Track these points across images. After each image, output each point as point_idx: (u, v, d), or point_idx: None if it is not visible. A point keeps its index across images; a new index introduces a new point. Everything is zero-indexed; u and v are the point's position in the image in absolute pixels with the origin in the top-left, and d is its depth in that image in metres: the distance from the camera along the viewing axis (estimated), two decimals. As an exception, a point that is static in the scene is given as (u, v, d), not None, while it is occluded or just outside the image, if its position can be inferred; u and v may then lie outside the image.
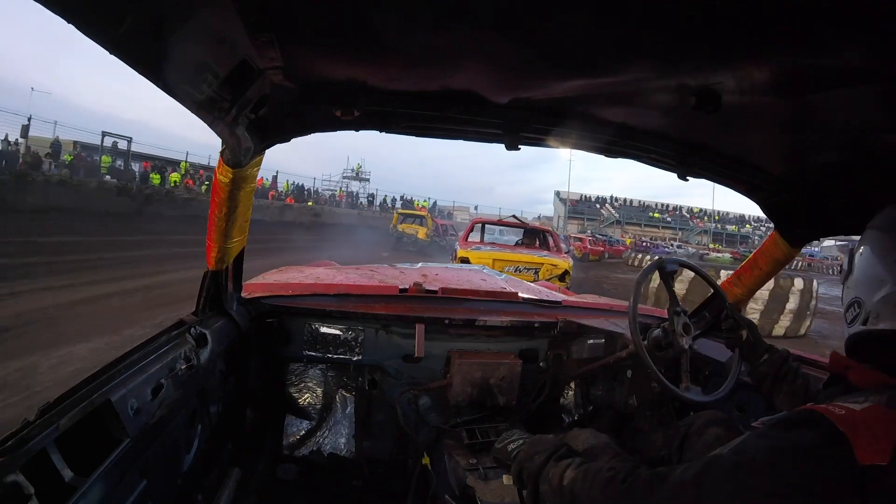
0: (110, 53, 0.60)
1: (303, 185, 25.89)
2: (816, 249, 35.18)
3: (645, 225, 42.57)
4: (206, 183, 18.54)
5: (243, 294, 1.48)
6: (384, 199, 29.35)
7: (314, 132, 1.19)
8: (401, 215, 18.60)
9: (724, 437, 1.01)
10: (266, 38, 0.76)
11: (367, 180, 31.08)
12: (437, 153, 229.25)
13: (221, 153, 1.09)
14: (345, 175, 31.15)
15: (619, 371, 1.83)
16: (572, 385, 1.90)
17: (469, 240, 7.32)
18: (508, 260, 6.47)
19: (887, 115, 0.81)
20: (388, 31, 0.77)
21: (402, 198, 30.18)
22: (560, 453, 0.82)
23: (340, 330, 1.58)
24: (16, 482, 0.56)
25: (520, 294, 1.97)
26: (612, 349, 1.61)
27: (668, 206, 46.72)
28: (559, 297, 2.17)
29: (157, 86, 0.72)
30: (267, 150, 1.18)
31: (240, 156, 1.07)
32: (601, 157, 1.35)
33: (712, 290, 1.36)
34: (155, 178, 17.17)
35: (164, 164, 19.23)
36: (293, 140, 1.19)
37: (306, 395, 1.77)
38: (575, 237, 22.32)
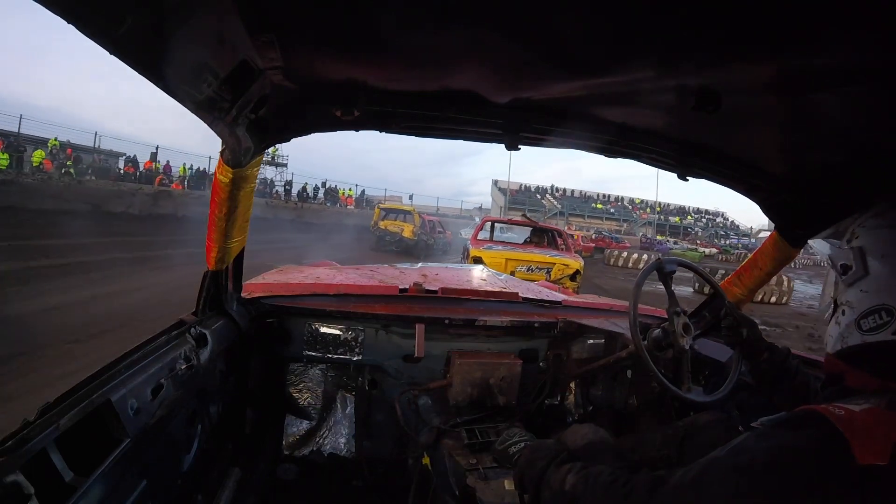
0: (110, 53, 0.60)
1: (205, 170, 20.29)
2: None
3: (588, 216, 41.04)
4: (68, 163, 14.89)
5: (243, 294, 1.48)
6: (304, 188, 24.31)
7: (314, 132, 1.19)
8: (383, 211, 15.99)
9: (723, 436, 1.01)
10: (266, 38, 0.76)
11: (285, 165, 26.06)
12: (363, 146, 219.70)
13: (221, 153, 1.09)
14: (258, 159, 27.14)
15: (619, 371, 1.82)
16: (572, 385, 1.90)
17: (479, 238, 7.42)
18: (521, 260, 6.57)
19: (887, 115, 0.81)
20: (389, 31, 0.77)
21: (324, 185, 25.99)
22: (560, 458, 0.82)
23: (340, 330, 1.58)
24: (16, 482, 0.56)
25: (520, 294, 1.97)
26: (612, 349, 1.61)
27: (609, 196, 45.28)
28: (559, 297, 2.17)
29: (158, 86, 0.72)
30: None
31: (240, 156, 1.07)
32: (529, 150, 1.31)
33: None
34: (2, 160, 12.88)
35: (21, 143, 15.07)
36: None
37: (306, 395, 1.77)
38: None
